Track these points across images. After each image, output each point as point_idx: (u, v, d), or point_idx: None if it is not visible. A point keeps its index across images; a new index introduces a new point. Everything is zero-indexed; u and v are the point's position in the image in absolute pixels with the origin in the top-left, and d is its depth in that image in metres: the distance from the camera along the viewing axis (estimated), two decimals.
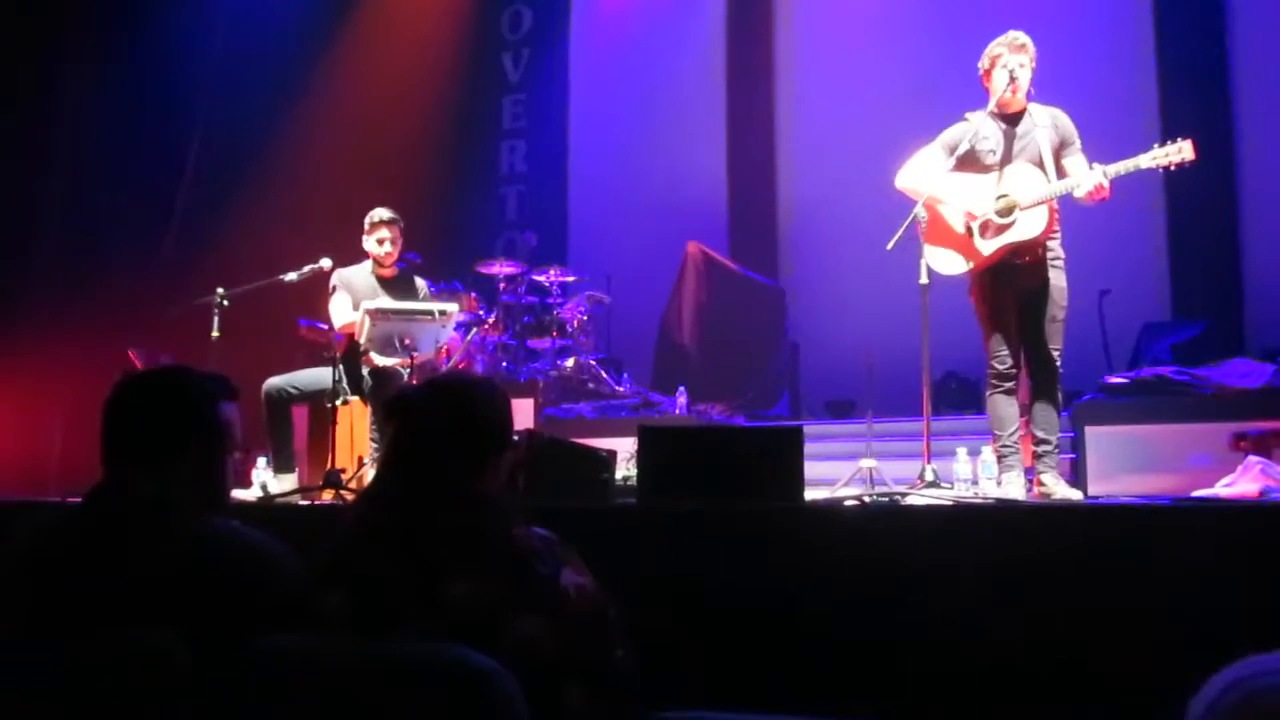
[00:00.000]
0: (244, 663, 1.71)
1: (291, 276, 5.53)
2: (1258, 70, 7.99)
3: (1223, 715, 0.55)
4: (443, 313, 5.12)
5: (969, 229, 4.46)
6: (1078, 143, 4.35)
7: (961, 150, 4.43)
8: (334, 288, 5.52)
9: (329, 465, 4.79)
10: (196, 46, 8.07)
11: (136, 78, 7.69)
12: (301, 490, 4.90)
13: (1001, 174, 4.41)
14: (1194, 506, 3.40)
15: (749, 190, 9.47)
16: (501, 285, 7.73)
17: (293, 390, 5.29)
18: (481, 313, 7.44)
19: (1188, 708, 0.58)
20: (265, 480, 5.15)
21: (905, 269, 4.80)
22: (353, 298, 5.40)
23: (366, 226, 5.56)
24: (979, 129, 4.45)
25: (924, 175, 4.53)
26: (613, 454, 3.83)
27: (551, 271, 7.84)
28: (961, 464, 4.48)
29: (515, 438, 2.06)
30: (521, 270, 7.84)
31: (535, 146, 10.21)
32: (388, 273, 5.60)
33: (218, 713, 1.71)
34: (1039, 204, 4.29)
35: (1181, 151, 4.03)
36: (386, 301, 5.32)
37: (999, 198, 4.38)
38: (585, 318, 7.79)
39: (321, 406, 5.25)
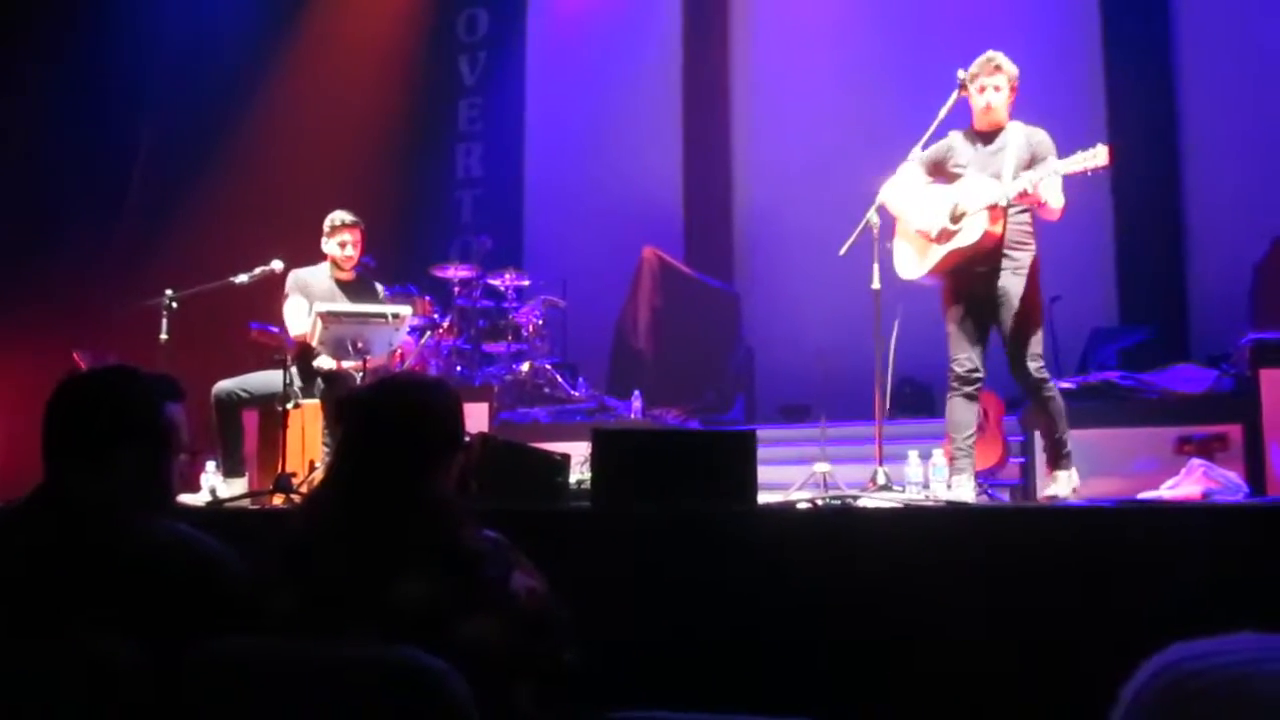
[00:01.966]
0: (190, 665, 1.69)
1: (242, 278, 5.46)
2: (1203, 81, 8.16)
3: (1150, 699, 0.56)
4: (396, 316, 5.09)
5: (927, 236, 4.54)
6: (1049, 160, 4.36)
7: (935, 163, 4.59)
8: (289, 292, 5.46)
9: (279, 469, 4.74)
10: (147, 46, 7.96)
11: (85, 75, 7.57)
12: (251, 494, 4.85)
13: (957, 186, 4.48)
14: (1138, 509, 3.45)
15: (704, 195, 9.51)
16: (456, 289, 7.69)
17: (243, 394, 5.23)
18: (436, 316, 7.39)
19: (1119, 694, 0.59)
20: (214, 484, 5.09)
21: (859, 274, 4.85)
22: (310, 301, 5.35)
23: (327, 229, 5.51)
24: (955, 145, 4.58)
25: (896, 189, 4.67)
26: (567, 458, 3.82)
27: (507, 275, 7.81)
28: (913, 467, 4.53)
29: (468, 439, 2.05)
30: (476, 274, 7.81)
31: (491, 150, 10.17)
32: (347, 276, 5.56)
33: (163, 715, 1.68)
34: (978, 211, 4.36)
35: (1096, 156, 4.11)
36: (340, 304, 5.28)
37: (952, 207, 4.45)
38: (540, 322, 7.77)
39: (272, 410, 5.19)
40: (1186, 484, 4.12)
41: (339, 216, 5.50)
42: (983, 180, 4.40)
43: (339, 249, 5.48)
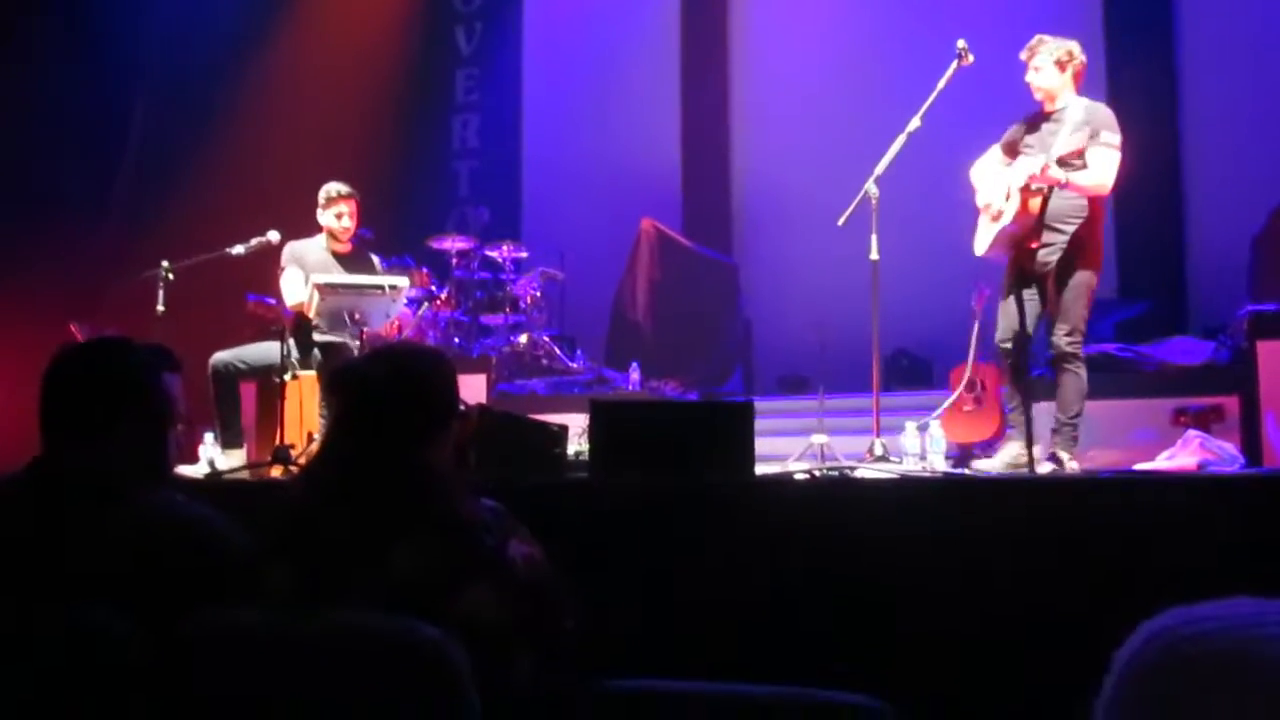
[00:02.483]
0: (188, 636, 1.70)
1: (239, 250, 5.44)
2: (1203, 54, 8.11)
3: (1144, 665, 0.56)
4: (393, 287, 5.08)
5: (990, 215, 4.72)
6: (1102, 135, 4.41)
7: (1009, 143, 4.75)
8: (284, 264, 5.43)
9: (277, 441, 4.74)
10: (141, 17, 7.89)
11: (80, 46, 7.51)
12: (250, 466, 4.85)
13: (1012, 166, 4.60)
14: (1134, 479, 3.47)
15: (703, 167, 9.46)
16: (454, 261, 7.67)
17: (240, 365, 5.22)
18: (433, 288, 7.38)
19: (1113, 659, 0.60)
20: (213, 456, 5.09)
21: (857, 246, 4.84)
22: (305, 271, 5.33)
23: (323, 201, 5.47)
24: (1022, 125, 4.72)
25: (977, 171, 4.89)
26: (565, 429, 3.82)
27: (504, 247, 7.79)
28: (910, 438, 4.53)
29: (464, 409, 2.05)
30: (474, 246, 7.78)
31: (488, 121, 10.11)
32: (343, 248, 5.53)
33: (161, 687, 1.69)
34: (1015, 191, 4.46)
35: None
36: (337, 276, 5.26)
37: (1006, 187, 4.60)
38: (538, 294, 7.75)
39: (270, 382, 5.19)
40: (1183, 455, 4.13)
41: (334, 188, 5.47)
42: (1028, 160, 4.48)
43: (335, 220, 5.45)
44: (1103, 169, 4.35)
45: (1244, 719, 0.48)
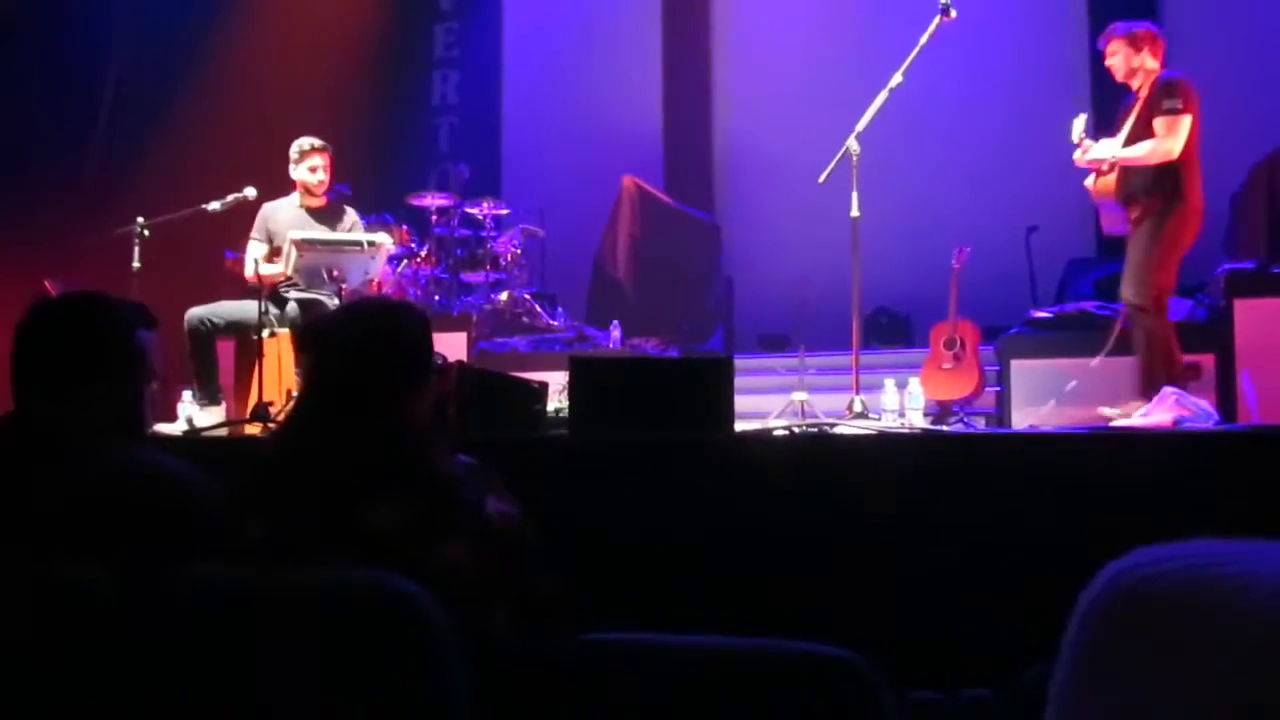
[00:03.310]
0: (163, 591, 1.70)
1: (215, 206, 5.38)
2: (1185, 17, 8.09)
3: (1107, 604, 0.57)
4: (372, 244, 5.04)
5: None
6: (1163, 104, 4.50)
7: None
8: (253, 233, 5.38)
9: (256, 398, 4.72)
10: None
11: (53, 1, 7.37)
12: (228, 423, 4.83)
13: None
14: (1109, 435, 3.50)
15: (684, 124, 9.41)
16: (434, 218, 7.61)
17: (216, 321, 5.18)
18: (413, 245, 7.33)
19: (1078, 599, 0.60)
20: (191, 414, 5.06)
21: (838, 203, 4.83)
22: (278, 233, 5.28)
23: (295, 155, 5.40)
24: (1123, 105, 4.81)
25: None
26: (545, 386, 3.82)
27: (485, 204, 7.74)
28: (889, 395, 4.55)
29: (443, 366, 2.04)
30: (454, 203, 7.72)
31: (468, 77, 9.99)
32: (318, 202, 5.47)
33: (136, 642, 1.69)
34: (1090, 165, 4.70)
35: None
36: (315, 232, 5.22)
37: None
38: (519, 251, 7.72)
39: (248, 339, 5.16)
40: (1158, 412, 4.16)
41: (307, 141, 5.40)
42: (1111, 139, 4.67)
43: (309, 174, 5.38)
44: (1160, 137, 4.46)
45: (1202, 655, 0.49)
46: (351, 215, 5.59)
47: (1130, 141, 4.57)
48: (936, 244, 6.69)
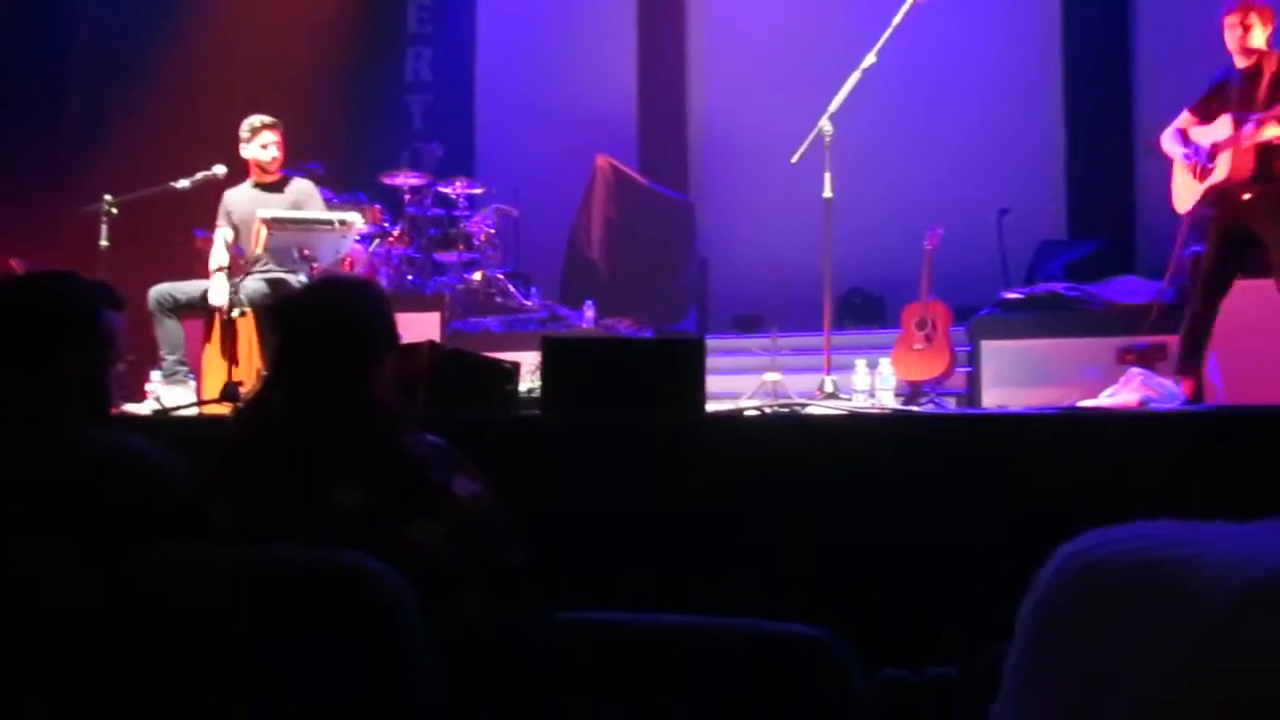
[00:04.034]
0: (130, 572, 1.69)
1: (184, 184, 5.32)
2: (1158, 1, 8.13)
3: (1062, 582, 0.58)
4: (343, 223, 5.00)
5: (1192, 172, 4.59)
6: None
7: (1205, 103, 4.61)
8: (219, 220, 5.34)
9: (226, 378, 4.69)
10: None
11: None
12: (198, 404, 4.79)
13: (1214, 125, 4.49)
14: (1077, 415, 3.53)
15: (659, 103, 9.37)
16: (406, 197, 7.56)
17: (179, 297, 5.13)
18: (386, 224, 7.28)
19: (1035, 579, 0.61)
20: (160, 393, 5.02)
21: (812, 183, 4.84)
22: (237, 215, 5.25)
23: (246, 134, 5.32)
24: (1222, 84, 4.58)
25: (1168, 138, 4.72)
26: (517, 366, 3.81)
27: (458, 183, 7.68)
28: (860, 376, 4.58)
29: (414, 346, 2.04)
30: (427, 182, 7.67)
31: (441, 54, 9.89)
32: (271, 178, 5.41)
33: (104, 624, 1.68)
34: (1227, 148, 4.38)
35: None
36: (285, 211, 5.17)
37: (1210, 145, 4.49)
38: (493, 231, 7.67)
39: (220, 319, 5.12)
40: (1125, 392, 4.21)
41: (257, 119, 5.32)
42: (1229, 120, 4.41)
43: (262, 151, 5.31)
44: None
45: (1152, 635, 0.50)
46: (301, 186, 5.50)
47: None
48: (909, 225, 6.72)
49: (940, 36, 7.58)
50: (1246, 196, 4.40)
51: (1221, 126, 4.45)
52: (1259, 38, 4.43)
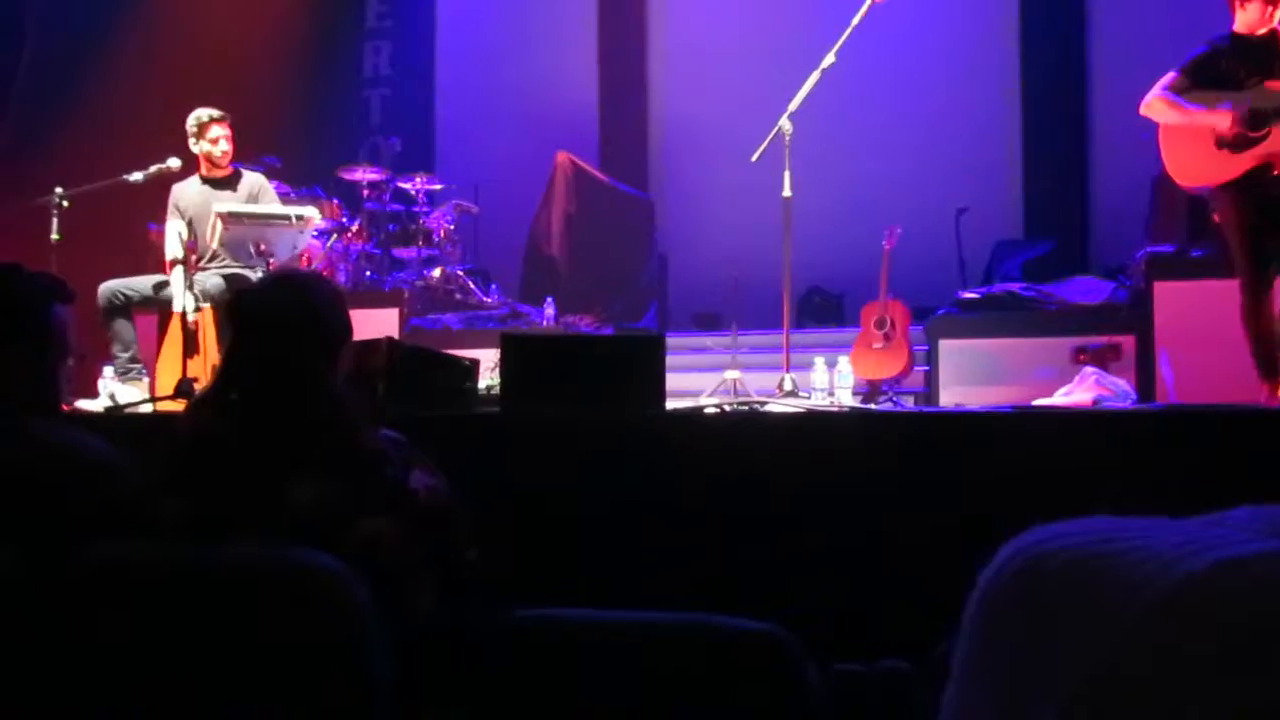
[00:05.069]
0: (78, 569, 1.66)
1: (137, 177, 5.24)
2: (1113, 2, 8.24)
3: (1005, 578, 0.58)
4: (300, 218, 4.95)
5: (1218, 143, 4.18)
6: None
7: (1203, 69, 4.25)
8: (169, 213, 5.27)
9: (180, 375, 4.63)
10: None
11: None
12: (151, 400, 4.73)
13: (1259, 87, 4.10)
14: (1031, 414, 3.57)
15: (619, 100, 9.37)
16: (365, 192, 7.50)
17: (130, 293, 5.06)
18: (344, 220, 7.22)
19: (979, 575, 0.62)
20: (113, 390, 4.95)
21: (772, 182, 4.86)
22: (188, 210, 5.18)
23: (194, 129, 5.24)
24: (1221, 51, 4.23)
25: (1155, 106, 4.37)
26: (476, 363, 3.80)
27: (418, 179, 7.64)
28: (819, 374, 4.60)
29: (373, 342, 2.02)
30: (386, 177, 7.61)
31: (401, 48, 9.83)
32: (221, 172, 5.34)
33: (53, 621, 1.66)
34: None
35: None
36: (241, 205, 5.11)
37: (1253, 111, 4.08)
38: (452, 227, 7.64)
39: (170, 314, 5.05)
40: (1079, 391, 4.27)
41: (205, 113, 5.25)
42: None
43: (212, 146, 5.25)
44: None
45: (1090, 629, 0.51)
46: (253, 179, 5.45)
47: None
48: (868, 224, 6.76)
49: (899, 37, 7.64)
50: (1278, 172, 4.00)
51: (1267, 92, 4.01)
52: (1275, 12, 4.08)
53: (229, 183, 5.35)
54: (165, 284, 5.03)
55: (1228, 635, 0.45)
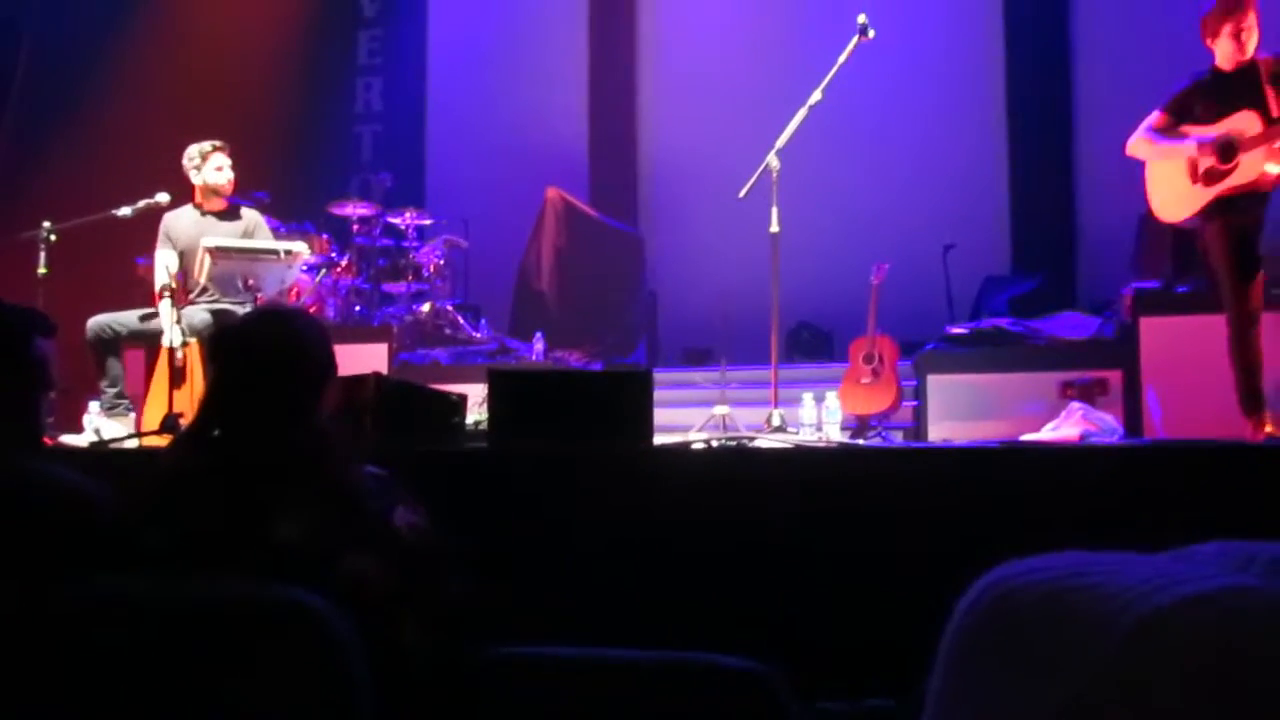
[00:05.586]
0: (60, 605, 1.64)
1: (126, 211, 5.25)
2: (1098, 40, 8.33)
3: (978, 611, 0.58)
4: (289, 253, 4.96)
5: (1193, 178, 4.21)
6: None
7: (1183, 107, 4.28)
8: (160, 242, 5.26)
9: (167, 409, 4.61)
10: None
11: None
12: (137, 435, 4.71)
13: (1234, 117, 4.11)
14: (1019, 449, 3.58)
15: (609, 136, 9.43)
16: (355, 227, 7.52)
17: (119, 328, 5.04)
18: (333, 254, 7.23)
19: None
20: (98, 425, 4.92)
21: (760, 219, 4.88)
22: (180, 241, 5.17)
23: (197, 159, 5.24)
24: (1202, 87, 4.26)
25: (1140, 143, 4.40)
26: (464, 398, 3.79)
27: (408, 214, 7.66)
28: (807, 409, 4.60)
29: (361, 377, 2.02)
30: (376, 212, 7.64)
31: (392, 84, 9.90)
32: (217, 206, 5.34)
33: (32, 656, 1.64)
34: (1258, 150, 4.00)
35: None
36: (230, 240, 5.11)
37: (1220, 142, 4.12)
38: (442, 262, 7.65)
39: (158, 349, 5.04)
40: (1066, 426, 4.27)
41: (206, 143, 5.25)
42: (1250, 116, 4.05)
43: (216, 174, 5.25)
44: None
45: (1057, 663, 0.50)
46: (251, 216, 5.45)
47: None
48: (856, 260, 6.79)
49: (885, 75, 7.71)
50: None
51: (1243, 122, 4.01)
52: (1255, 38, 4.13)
53: (227, 216, 5.35)
54: (153, 314, 5.00)
55: (1193, 672, 0.45)
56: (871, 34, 4.79)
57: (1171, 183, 4.32)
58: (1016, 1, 8.48)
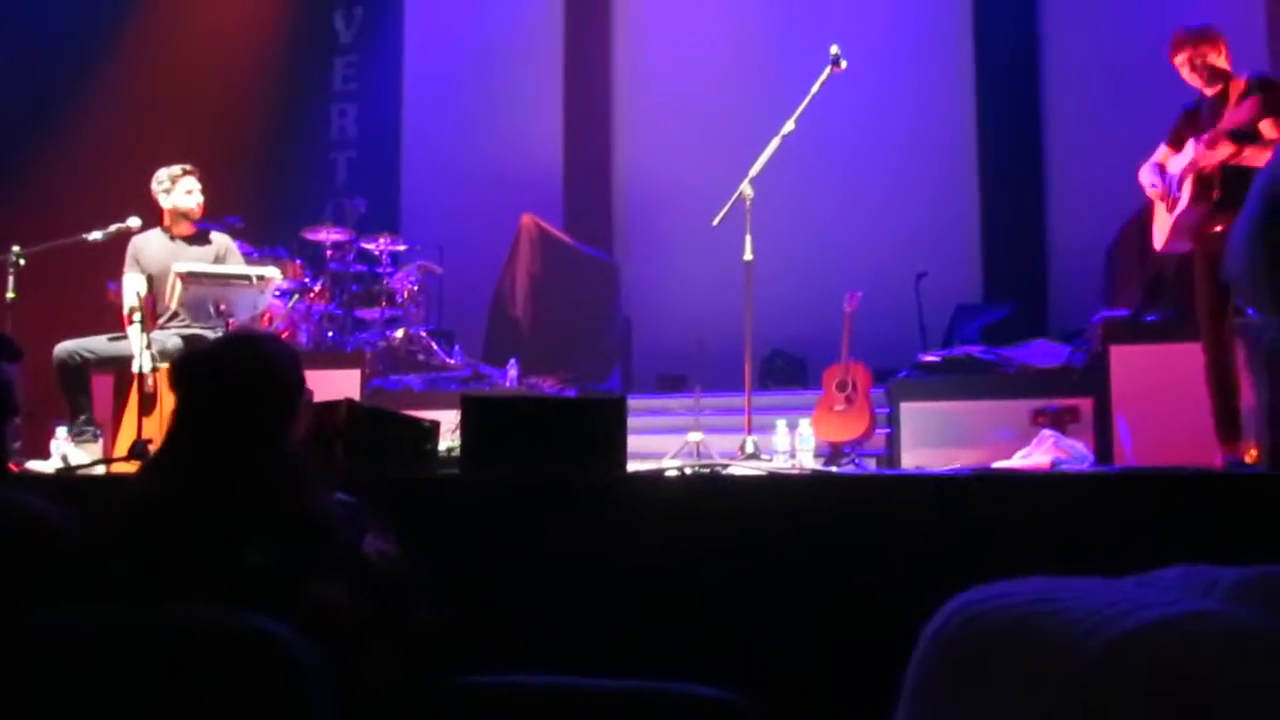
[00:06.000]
0: (23, 633, 1.62)
1: (96, 235, 5.20)
2: (1067, 72, 8.46)
3: (945, 636, 0.58)
4: (261, 278, 4.93)
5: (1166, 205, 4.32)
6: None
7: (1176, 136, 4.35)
8: (127, 266, 5.21)
9: (135, 436, 4.55)
10: None
11: None
12: (104, 461, 4.65)
13: (1180, 154, 4.25)
14: (989, 476, 3.59)
15: (584, 163, 9.47)
16: (329, 252, 7.49)
17: (87, 354, 4.99)
18: (307, 280, 7.20)
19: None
20: (65, 451, 4.86)
21: (734, 246, 4.91)
22: (150, 265, 5.13)
23: (166, 183, 5.19)
24: (1187, 115, 4.35)
25: (1145, 172, 4.44)
26: (436, 425, 3.77)
27: (381, 240, 7.64)
28: (781, 436, 4.61)
29: (332, 403, 2.00)
30: (350, 238, 7.61)
31: (367, 110, 9.90)
32: (186, 230, 5.29)
33: None
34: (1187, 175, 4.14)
35: None
36: (201, 265, 5.08)
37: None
38: (416, 288, 7.64)
39: (127, 375, 4.98)
40: (1037, 454, 4.30)
41: (176, 167, 5.22)
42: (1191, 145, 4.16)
43: (187, 197, 5.21)
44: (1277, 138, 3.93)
45: (1022, 688, 0.50)
46: (221, 240, 5.41)
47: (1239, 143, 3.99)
48: (829, 288, 6.84)
49: (858, 105, 7.79)
50: (1218, 228, 4.04)
51: (1189, 152, 4.17)
52: (1220, 62, 4.21)
53: (196, 240, 5.31)
54: (120, 336, 4.95)
55: (1157, 695, 0.45)
56: (844, 65, 4.84)
57: (1158, 212, 4.44)
58: (987, 33, 8.59)
